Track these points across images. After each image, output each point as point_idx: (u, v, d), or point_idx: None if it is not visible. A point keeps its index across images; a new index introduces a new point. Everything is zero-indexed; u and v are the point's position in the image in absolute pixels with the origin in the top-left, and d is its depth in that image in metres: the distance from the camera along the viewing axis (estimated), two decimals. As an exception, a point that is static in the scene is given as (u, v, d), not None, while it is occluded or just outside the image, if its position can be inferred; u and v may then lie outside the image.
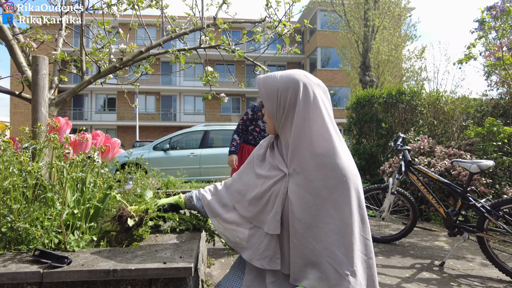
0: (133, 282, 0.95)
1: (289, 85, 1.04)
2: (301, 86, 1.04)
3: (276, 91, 1.05)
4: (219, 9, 2.55)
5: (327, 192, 0.95)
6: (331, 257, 0.92)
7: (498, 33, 4.86)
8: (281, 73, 1.09)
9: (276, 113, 1.06)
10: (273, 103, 1.06)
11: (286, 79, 1.05)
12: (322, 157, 0.97)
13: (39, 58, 1.43)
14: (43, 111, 1.42)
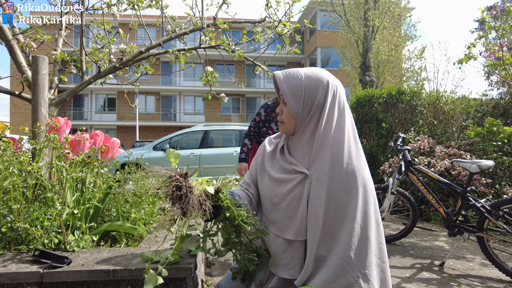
0: (133, 282, 0.95)
1: (318, 85, 1.01)
2: (331, 87, 1.02)
3: (302, 89, 1.01)
4: (219, 9, 2.55)
5: (348, 196, 0.95)
6: (344, 259, 0.92)
7: (498, 33, 4.86)
8: (304, 70, 1.04)
9: (301, 112, 1.02)
10: (299, 102, 1.02)
11: (315, 78, 1.02)
12: (345, 161, 0.97)
13: (39, 58, 1.43)
14: (43, 111, 1.42)
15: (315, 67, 1.08)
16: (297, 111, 1.02)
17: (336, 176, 0.97)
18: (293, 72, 1.03)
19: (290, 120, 1.06)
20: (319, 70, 1.05)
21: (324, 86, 1.01)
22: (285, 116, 1.07)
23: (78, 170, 1.40)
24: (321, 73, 1.04)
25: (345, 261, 0.92)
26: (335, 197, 0.96)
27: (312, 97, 1.01)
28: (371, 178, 1.00)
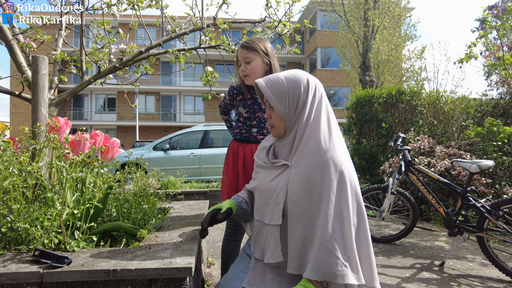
0: (133, 282, 0.95)
1: (299, 85, 1.08)
2: (310, 84, 1.09)
3: (285, 92, 1.07)
4: (219, 9, 2.55)
5: (322, 180, 0.99)
6: (327, 245, 0.94)
7: (499, 32, 4.86)
8: (283, 74, 1.10)
9: (288, 113, 1.09)
10: (284, 104, 1.08)
11: (295, 79, 1.08)
12: (323, 151, 1.01)
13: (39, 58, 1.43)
14: (43, 111, 1.42)
15: (292, 69, 1.14)
16: (284, 112, 1.08)
17: (312, 163, 1.01)
18: (274, 77, 1.10)
19: (280, 123, 1.12)
20: (297, 71, 1.12)
21: (305, 85, 1.08)
22: (274, 120, 1.13)
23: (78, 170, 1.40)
24: (300, 73, 1.11)
25: (328, 247, 0.94)
26: (314, 182, 1.00)
27: (296, 97, 1.08)
28: (348, 163, 1.04)
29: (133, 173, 1.80)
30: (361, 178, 6.13)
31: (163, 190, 2.18)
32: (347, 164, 1.03)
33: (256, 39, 1.74)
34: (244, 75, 1.71)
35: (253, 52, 1.68)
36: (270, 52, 1.74)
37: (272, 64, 1.74)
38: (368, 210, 4.06)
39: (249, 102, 1.82)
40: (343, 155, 1.04)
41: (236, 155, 1.81)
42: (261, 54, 1.70)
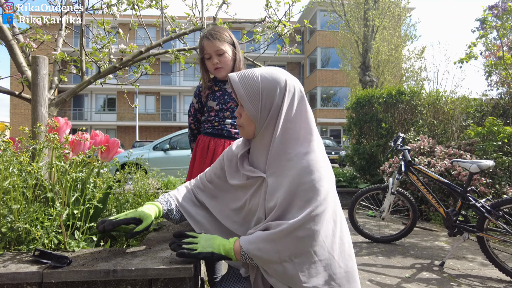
0: (133, 282, 0.95)
1: (275, 86, 0.98)
2: (288, 88, 0.99)
3: (259, 92, 0.97)
4: (219, 9, 2.55)
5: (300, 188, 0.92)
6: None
7: (499, 32, 4.86)
8: (260, 71, 1.00)
9: (259, 116, 0.98)
10: (257, 105, 0.97)
11: (271, 79, 0.98)
12: (301, 158, 0.94)
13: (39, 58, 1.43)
14: (43, 111, 1.42)
15: (272, 67, 1.04)
16: (255, 114, 0.98)
17: (290, 172, 0.94)
18: (249, 74, 0.99)
19: (249, 124, 1.02)
20: (275, 70, 1.01)
21: (281, 87, 0.98)
22: (244, 120, 1.03)
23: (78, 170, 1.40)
24: (278, 73, 1.00)
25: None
26: (288, 190, 0.93)
27: (270, 99, 0.98)
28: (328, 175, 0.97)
29: (133, 173, 1.80)
30: (361, 178, 6.12)
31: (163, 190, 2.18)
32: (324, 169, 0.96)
33: (221, 29, 1.63)
34: (216, 68, 1.62)
35: (225, 43, 1.58)
36: (235, 42, 1.65)
37: (237, 55, 1.64)
38: (368, 210, 4.06)
39: (218, 93, 1.70)
40: (324, 164, 0.97)
41: (206, 151, 1.64)
42: (230, 45, 1.62)
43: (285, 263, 0.89)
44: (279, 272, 0.90)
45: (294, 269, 0.89)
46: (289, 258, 0.89)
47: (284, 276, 0.90)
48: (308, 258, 0.90)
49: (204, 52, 1.62)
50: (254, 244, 0.92)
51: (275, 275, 0.91)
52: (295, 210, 0.91)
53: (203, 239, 0.99)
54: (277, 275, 0.91)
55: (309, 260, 0.89)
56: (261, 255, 0.91)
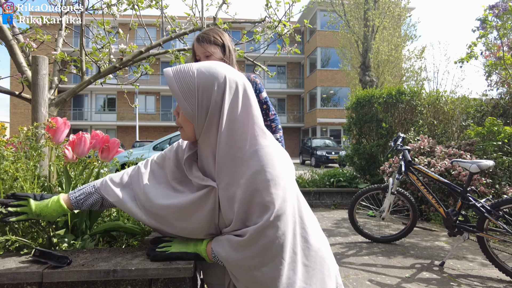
0: (133, 282, 0.95)
1: (213, 82, 0.88)
2: (228, 83, 0.89)
3: (195, 88, 0.87)
4: (219, 9, 2.55)
5: (255, 194, 0.85)
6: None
7: (500, 32, 4.86)
8: (197, 65, 0.90)
9: (197, 115, 0.89)
10: (192, 103, 0.88)
11: (208, 74, 0.88)
12: (251, 160, 0.87)
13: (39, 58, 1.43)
14: (43, 111, 1.42)
15: (212, 61, 0.94)
16: (191, 114, 0.89)
17: (244, 179, 0.86)
18: (184, 68, 0.89)
19: (187, 124, 0.92)
20: (214, 64, 0.91)
21: (220, 82, 0.88)
22: (182, 120, 0.93)
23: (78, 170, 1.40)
24: (217, 68, 0.90)
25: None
26: (243, 199, 0.86)
27: (208, 97, 0.88)
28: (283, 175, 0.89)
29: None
30: (361, 178, 6.13)
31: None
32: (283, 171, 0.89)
33: (212, 31, 1.64)
34: None
35: (213, 45, 1.60)
36: (226, 44, 1.64)
37: (229, 58, 1.65)
38: (368, 210, 4.06)
39: None
40: (278, 160, 0.89)
41: None
42: (220, 47, 1.63)
43: (253, 271, 0.87)
44: (248, 279, 0.88)
45: (262, 276, 0.86)
46: (255, 267, 0.86)
47: (253, 283, 0.88)
48: (275, 264, 0.86)
49: (195, 54, 1.67)
50: (223, 251, 0.90)
51: (244, 282, 0.90)
52: (255, 217, 0.86)
53: (177, 242, 1.00)
54: (246, 281, 0.89)
55: (277, 267, 0.85)
56: (230, 262, 0.90)
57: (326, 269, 0.93)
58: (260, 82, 1.80)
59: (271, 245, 0.85)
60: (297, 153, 23.16)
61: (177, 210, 0.94)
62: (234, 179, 0.87)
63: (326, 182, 5.69)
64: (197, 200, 0.92)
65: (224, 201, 0.90)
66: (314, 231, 0.95)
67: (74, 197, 1.03)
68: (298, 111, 29.17)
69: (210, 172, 0.94)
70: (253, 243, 0.85)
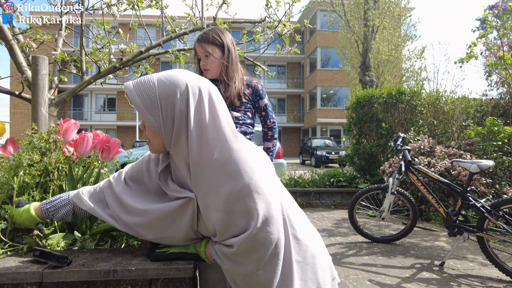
0: (133, 282, 0.95)
1: (175, 90, 0.85)
2: (191, 90, 0.87)
3: (157, 99, 0.85)
4: (219, 9, 2.55)
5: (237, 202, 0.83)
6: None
7: (500, 32, 4.87)
8: (156, 76, 0.88)
9: (162, 127, 0.86)
10: (156, 114, 0.85)
11: (169, 83, 0.86)
12: (227, 166, 0.84)
13: (39, 58, 1.43)
14: (43, 111, 1.42)
15: (172, 70, 0.92)
16: (157, 125, 0.86)
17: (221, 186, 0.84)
18: (144, 80, 0.87)
19: (155, 137, 0.90)
20: (175, 72, 0.89)
21: (182, 90, 0.86)
22: (149, 133, 0.91)
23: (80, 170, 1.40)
24: (178, 75, 0.88)
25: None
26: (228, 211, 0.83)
27: (171, 106, 0.85)
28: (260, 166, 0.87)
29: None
30: (361, 178, 6.13)
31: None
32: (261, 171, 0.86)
33: (212, 31, 1.66)
34: (205, 70, 1.67)
35: (212, 45, 1.62)
36: (226, 44, 1.64)
37: (230, 58, 1.65)
38: (368, 210, 4.06)
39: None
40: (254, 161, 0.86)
41: None
42: (219, 47, 1.64)
43: (251, 276, 0.87)
44: (247, 281, 0.88)
45: (260, 279, 0.86)
46: (252, 273, 0.86)
47: (252, 285, 0.88)
48: (271, 266, 0.85)
49: (196, 53, 1.69)
50: (219, 260, 0.90)
51: (243, 285, 0.90)
52: (242, 225, 0.84)
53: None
54: (246, 284, 0.89)
55: (273, 268, 0.85)
56: (227, 268, 0.90)
57: (318, 262, 0.93)
58: (262, 88, 1.79)
59: (265, 250, 0.84)
60: (297, 153, 23.17)
61: (155, 218, 0.92)
62: (212, 187, 0.85)
63: (326, 182, 5.69)
64: (175, 210, 0.90)
65: (204, 209, 0.87)
66: (302, 227, 0.95)
67: (45, 209, 1.03)
68: (298, 111, 29.17)
69: (187, 183, 0.92)
70: (245, 252, 0.84)
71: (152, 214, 0.93)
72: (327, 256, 0.99)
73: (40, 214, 1.03)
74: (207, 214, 0.87)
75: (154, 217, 0.93)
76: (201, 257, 0.96)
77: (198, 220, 0.92)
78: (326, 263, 0.96)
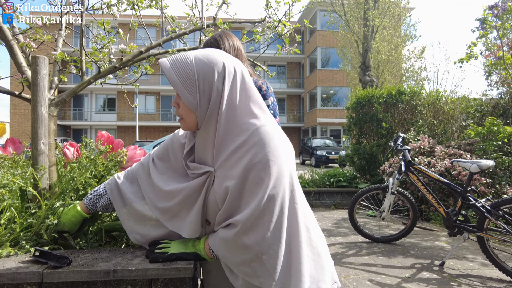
0: (133, 282, 0.95)
1: (213, 68, 0.86)
2: (227, 69, 0.88)
3: (195, 76, 0.86)
4: (219, 9, 2.55)
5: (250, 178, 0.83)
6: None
7: (499, 32, 4.87)
8: (193, 54, 0.88)
9: (199, 104, 0.87)
10: (193, 92, 0.86)
11: (207, 61, 0.87)
12: (250, 142, 0.85)
13: (39, 58, 1.43)
14: (43, 111, 1.42)
15: (208, 49, 0.93)
16: (194, 102, 0.87)
17: (238, 161, 0.84)
18: (181, 58, 0.88)
19: (189, 115, 0.90)
20: (211, 51, 0.90)
21: (219, 69, 0.87)
22: (183, 111, 0.91)
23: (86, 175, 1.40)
24: (215, 54, 0.89)
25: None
26: (237, 180, 0.84)
27: (209, 84, 0.86)
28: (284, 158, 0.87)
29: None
30: (361, 178, 6.13)
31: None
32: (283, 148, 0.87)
33: (213, 37, 1.67)
34: None
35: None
36: (227, 50, 1.64)
37: None
38: (368, 210, 4.06)
39: None
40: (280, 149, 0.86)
41: None
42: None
43: (255, 263, 0.85)
44: (248, 274, 0.87)
45: (263, 265, 0.84)
46: (257, 258, 0.84)
47: (253, 277, 0.87)
48: (275, 251, 0.84)
49: None
50: (221, 246, 0.89)
51: (243, 276, 0.88)
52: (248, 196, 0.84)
53: (176, 243, 1.00)
54: (246, 275, 0.88)
55: (277, 253, 0.84)
56: (228, 257, 0.89)
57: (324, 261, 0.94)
58: (267, 89, 1.79)
59: (266, 230, 0.83)
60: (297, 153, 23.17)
61: (182, 197, 0.94)
62: (232, 158, 0.86)
63: (326, 182, 5.69)
64: (198, 188, 0.92)
65: (220, 180, 0.88)
66: (313, 220, 0.97)
67: (87, 200, 1.08)
68: (298, 111, 29.17)
69: (207, 160, 0.93)
70: (249, 230, 0.83)
71: (176, 194, 0.95)
72: (330, 259, 0.98)
73: (84, 208, 1.08)
74: (222, 184, 0.87)
75: (180, 198, 0.94)
76: (201, 255, 0.96)
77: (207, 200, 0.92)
78: (329, 265, 0.95)
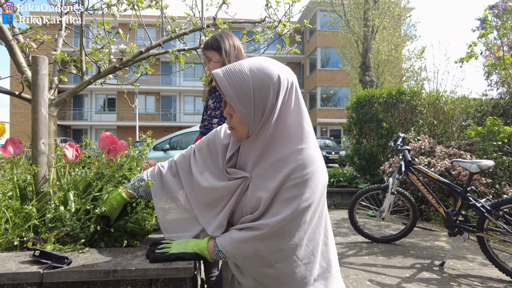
0: (133, 283, 0.95)
1: (268, 83, 0.85)
2: (282, 83, 0.87)
3: (250, 92, 0.85)
4: (219, 9, 2.55)
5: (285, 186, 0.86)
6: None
7: (499, 32, 4.87)
8: (249, 65, 0.87)
9: (253, 117, 0.88)
10: (248, 106, 0.86)
11: (263, 76, 0.85)
12: (292, 157, 0.87)
13: (39, 58, 1.43)
14: (43, 111, 1.42)
15: (261, 58, 0.91)
16: (248, 116, 0.87)
17: (276, 173, 0.87)
18: (236, 70, 0.86)
19: (242, 126, 0.91)
20: (266, 62, 0.88)
21: (274, 83, 0.86)
22: (236, 122, 0.91)
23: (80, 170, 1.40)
24: (270, 67, 0.87)
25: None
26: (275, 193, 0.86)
27: (264, 99, 0.86)
28: (323, 173, 0.90)
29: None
30: (361, 178, 6.12)
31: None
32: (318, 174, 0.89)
33: (213, 37, 1.69)
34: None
35: (211, 50, 1.67)
36: (223, 47, 1.66)
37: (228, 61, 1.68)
38: (368, 210, 4.06)
39: (217, 93, 1.81)
40: (317, 163, 0.89)
41: None
42: (216, 51, 1.68)
43: (265, 267, 0.86)
44: (258, 274, 0.87)
45: (275, 273, 0.85)
46: (270, 264, 0.85)
47: (263, 279, 0.87)
48: (290, 263, 0.85)
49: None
50: (233, 247, 0.89)
51: (254, 275, 0.89)
52: (279, 207, 0.86)
53: (176, 243, 1.00)
54: (256, 276, 0.88)
55: (291, 265, 0.85)
56: (241, 258, 0.89)
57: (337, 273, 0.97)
58: None
59: (291, 242, 0.85)
60: (297, 153, 23.09)
61: (217, 195, 0.97)
62: (270, 171, 0.88)
63: (326, 182, 5.68)
64: (233, 188, 0.95)
65: (254, 188, 0.90)
66: (331, 235, 0.99)
67: (130, 185, 1.12)
68: (298, 111, 29.16)
69: (246, 166, 0.95)
70: (274, 235, 0.85)
71: (212, 191, 0.98)
72: (339, 272, 0.99)
73: (126, 192, 1.12)
74: (256, 193, 0.89)
75: (216, 195, 0.97)
76: (201, 255, 0.96)
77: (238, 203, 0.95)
78: (339, 277, 0.97)
